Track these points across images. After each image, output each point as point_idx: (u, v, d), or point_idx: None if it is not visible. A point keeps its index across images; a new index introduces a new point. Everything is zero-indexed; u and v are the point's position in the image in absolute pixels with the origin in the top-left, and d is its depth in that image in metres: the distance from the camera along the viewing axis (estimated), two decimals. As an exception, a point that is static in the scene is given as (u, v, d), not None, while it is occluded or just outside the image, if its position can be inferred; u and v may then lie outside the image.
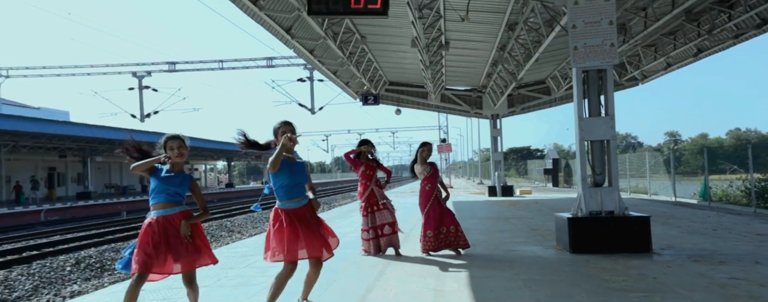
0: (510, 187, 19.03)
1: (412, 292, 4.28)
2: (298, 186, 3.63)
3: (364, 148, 6.25)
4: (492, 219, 10.53)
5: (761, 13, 10.58)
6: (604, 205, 6.20)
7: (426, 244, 6.06)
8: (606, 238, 5.96)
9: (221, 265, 5.68)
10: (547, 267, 5.28)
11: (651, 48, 14.88)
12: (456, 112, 21.53)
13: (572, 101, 6.62)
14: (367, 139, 6.41)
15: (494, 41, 12.74)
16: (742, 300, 3.75)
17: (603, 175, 6.42)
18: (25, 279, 9.29)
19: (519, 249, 6.44)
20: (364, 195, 6.17)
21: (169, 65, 28.70)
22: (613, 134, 6.35)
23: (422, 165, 6.25)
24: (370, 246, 6.15)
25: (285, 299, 3.65)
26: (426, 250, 6.08)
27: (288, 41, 11.22)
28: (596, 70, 6.41)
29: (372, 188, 6.14)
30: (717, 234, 7.40)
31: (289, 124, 3.71)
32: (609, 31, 6.26)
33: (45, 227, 20.08)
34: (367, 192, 6.14)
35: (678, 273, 4.76)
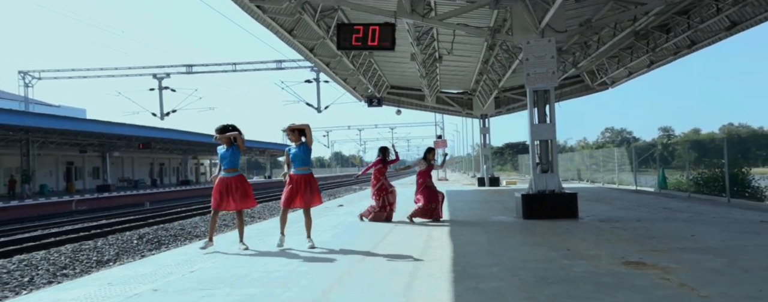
0: (497, 178, 21.68)
1: (413, 236, 6.87)
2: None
3: (385, 153, 9.07)
4: (476, 202, 13.17)
5: (690, 36, 13.22)
6: (548, 186, 8.83)
7: (415, 212, 8.74)
8: (547, 208, 8.58)
9: (296, 221, 8.26)
10: (503, 225, 7.91)
11: (614, 59, 17.50)
12: (450, 113, 24.13)
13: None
14: (385, 147, 9.19)
15: (479, 56, 15.34)
16: (607, 235, 6.38)
17: (548, 165, 9.05)
18: (109, 247, 11.88)
19: (489, 218, 9.07)
20: (377, 185, 8.90)
21: (186, 67, 31.21)
22: (554, 135, 8.98)
23: (422, 163, 8.96)
24: (372, 216, 8.86)
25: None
26: (413, 216, 8.73)
27: (310, 58, 13.80)
28: (543, 89, 9.02)
29: (383, 181, 8.93)
30: (636, 208, 10.06)
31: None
32: (551, 63, 8.86)
33: (80, 215, 22.57)
34: (379, 183, 8.89)
35: (585, 226, 7.39)
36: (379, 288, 3.87)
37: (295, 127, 6.20)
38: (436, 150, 9.28)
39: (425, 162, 8.99)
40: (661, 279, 3.80)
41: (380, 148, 9.23)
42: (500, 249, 5.55)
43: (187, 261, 5.45)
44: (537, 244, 5.76)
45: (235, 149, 6.14)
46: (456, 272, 4.33)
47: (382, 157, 9.01)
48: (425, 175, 8.95)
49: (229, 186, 6.01)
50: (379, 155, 9.07)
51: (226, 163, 6.10)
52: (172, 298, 3.65)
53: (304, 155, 6.16)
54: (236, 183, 6.05)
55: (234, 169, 6.13)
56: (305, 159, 6.18)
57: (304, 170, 6.15)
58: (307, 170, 6.21)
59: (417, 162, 9.17)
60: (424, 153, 9.25)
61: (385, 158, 9.02)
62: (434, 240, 6.47)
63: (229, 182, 6.04)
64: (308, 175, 6.17)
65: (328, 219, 9.54)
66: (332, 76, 17.01)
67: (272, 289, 3.85)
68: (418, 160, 9.23)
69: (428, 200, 8.74)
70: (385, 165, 9.02)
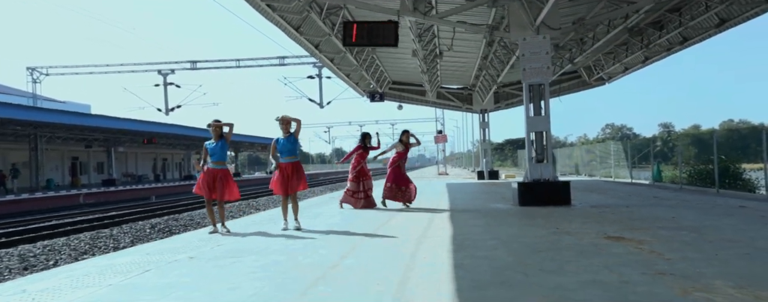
0: (496, 172, 22.24)
1: (416, 221, 7.41)
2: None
3: (366, 139, 9.53)
4: (475, 193, 13.72)
5: (683, 33, 13.72)
6: (542, 175, 9.37)
7: (384, 193, 9.32)
8: (542, 196, 9.11)
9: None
10: (500, 211, 8.45)
11: (610, 55, 18.00)
12: (450, 108, 24.67)
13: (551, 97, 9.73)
14: (367, 132, 9.65)
15: (478, 52, 15.85)
16: (595, 217, 6.92)
17: (542, 155, 9.58)
18: (124, 235, 12.44)
19: (487, 205, 9.61)
20: (356, 168, 9.35)
21: (191, 64, 31.71)
22: (548, 127, 9.51)
23: (400, 144, 9.47)
24: (351, 203, 9.34)
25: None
26: (384, 198, 9.29)
27: (315, 54, 14.32)
28: (538, 84, 9.55)
29: (363, 165, 9.41)
30: (627, 197, 10.60)
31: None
32: (546, 59, 9.38)
33: (88, 208, 23.09)
34: (359, 167, 9.34)
35: (576, 211, 7.93)
36: (388, 254, 4.40)
37: (289, 119, 6.76)
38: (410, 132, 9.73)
39: (401, 145, 9.47)
40: (634, 248, 4.34)
41: (362, 133, 9.68)
42: (496, 228, 6.09)
43: (211, 238, 6.00)
44: (530, 225, 6.31)
45: (224, 143, 6.65)
46: (455, 244, 4.87)
47: (362, 143, 9.46)
48: (398, 158, 9.45)
49: (215, 178, 6.56)
50: (360, 141, 9.53)
51: (217, 157, 6.61)
52: (207, 263, 4.19)
53: (292, 145, 6.75)
54: (222, 175, 6.61)
55: (222, 162, 6.68)
56: (293, 149, 6.78)
57: (293, 159, 6.75)
58: (295, 158, 6.81)
59: (394, 145, 9.59)
60: (400, 135, 9.65)
61: (365, 144, 9.45)
62: (435, 222, 7.01)
63: (216, 174, 6.58)
64: (296, 163, 6.77)
65: (333, 207, 10.08)
66: (336, 72, 17.54)
67: (295, 257, 4.39)
68: (395, 143, 9.67)
69: (395, 179, 9.26)
70: (365, 150, 9.43)
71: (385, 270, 3.74)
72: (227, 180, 6.68)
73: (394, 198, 9.29)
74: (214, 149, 6.65)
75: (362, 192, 9.34)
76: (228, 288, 3.32)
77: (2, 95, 37.44)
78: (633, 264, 3.69)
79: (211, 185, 6.57)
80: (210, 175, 6.59)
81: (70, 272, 4.00)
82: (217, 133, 6.67)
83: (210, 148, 6.68)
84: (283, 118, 6.76)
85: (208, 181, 6.57)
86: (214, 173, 6.60)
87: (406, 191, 9.30)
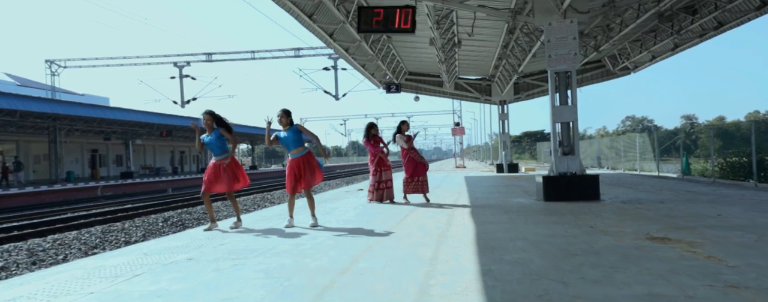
0: (515, 165, 21.60)
1: (435, 217, 6.94)
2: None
3: (372, 129, 9.02)
4: (495, 187, 13.18)
5: (718, 17, 12.90)
6: (569, 168, 8.81)
7: (404, 187, 8.87)
8: (569, 190, 8.57)
9: (305, 207, 8.45)
10: (523, 206, 7.93)
11: (637, 43, 17.17)
12: (468, 99, 24.02)
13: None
14: (373, 122, 9.13)
15: (499, 40, 15.20)
16: (630, 214, 6.37)
17: (569, 147, 9.01)
18: (136, 229, 12.22)
19: (509, 200, 9.09)
20: (374, 160, 8.91)
21: (206, 56, 31.54)
22: (575, 118, 8.92)
23: (402, 137, 8.94)
24: (374, 196, 8.91)
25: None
26: (406, 193, 8.85)
27: (330, 43, 13.85)
28: (564, 71, 8.95)
29: (380, 155, 8.90)
30: (659, 192, 9.97)
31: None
32: (573, 44, 8.78)
33: (106, 200, 23.16)
34: (377, 158, 8.88)
35: (607, 207, 7.38)
36: (405, 257, 3.95)
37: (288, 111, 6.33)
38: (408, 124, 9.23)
39: (403, 136, 8.95)
40: (686, 252, 3.81)
41: (367, 124, 9.11)
42: (522, 226, 5.60)
43: (217, 235, 5.62)
44: (559, 222, 5.79)
45: (219, 134, 6.25)
46: (480, 245, 4.39)
47: (367, 137, 8.94)
48: (408, 151, 8.95)
49: (219, 169, 6.20)
50: (365, 135, 9.01)
51: (217, 149, 6.23)
52: (206, 266, 3.79)
53: (296, 136, 6.28)
54: (225, 166, 6.24)
55: (224, 152, 6.29)
56: (298, 140, 6.30)
57: (302, 151, 6.28)
58: (304, 150, 6.33)
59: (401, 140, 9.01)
60: (398, 126, 9.08)
61: (369, 133, 8.91)
62: (456, 218, 6.53)
63: (219, 165, 6.22)
64: (306, 156, 6.30)
65: (348, 202, 9.67)
66: (351, 62, 17.06)
67: (302, 259, 3.97)
68: (397, 137, 9.07)
69: (414, 171, 8.78)
70: (374, 140, 8.90)
71: (401, 278, 3.29)
72: (233, 169, 6.30)
73: (415, 190, 8.86)
74: (211, 141, 6.26)
75: (380, 184, 8.91)
76: (223, 299, 2.91)
77: (23, 88, 37.91)
78: (692, 272, 3.17)
79: (213, 178, 6.20)
80: (214, 167, 6.22)
81: (54, 275, 3.64)
82: (209, 124, 6.27)
83: (206, 141, 6.30)
84: (284, 111, 6.33)
85: (209, 175, 6.22)
86: (217, 165, 6.24)
87: (424, 181, 8.89)
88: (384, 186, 8.89)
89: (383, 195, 8.90)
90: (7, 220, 14.27)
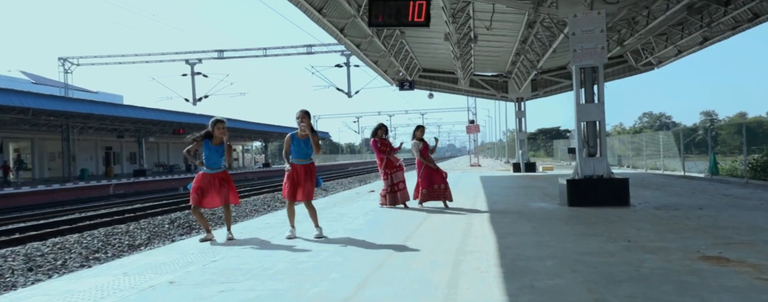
0: (533, 164, 20.89)
1: (451, 226, 6.37)
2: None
3: (380, 130, 8.48)
4: (513, 188, 12.55)
5: (753, 8, 12.08)
6: (595, 170, 8.17)
7: (421, 197, 8.28)
8: (595, 195, 7.93)
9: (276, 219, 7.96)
10: (546, 213, 7.33)
11: (662, 37, 16.35)
12: (484, 96, 23.33)
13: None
14: (383, 124, 8.59)
15: (517, 35, 14.53)
16: (668, 224, 5.74)
17: (595, 148, 8.37)
18: (141, 231, 11.84)
19: (529, 205, 8.48)
20: (383, 164, 8.36)
21: (218, 53, 31.25)
22: (602, 116, 8.27)
23: (416, 145, 8.40)
24: (387, 200, 8.35)
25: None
26: (421, 201, 8.27)
27: (341, 39, 13.32)
28: (590, 67, 8.30)
29: (388, 157, 8.34)
30: (691, 195, 9.27)
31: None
32: (600, 37, 8.12)
33: (117, 199, 22.98)
34: (385, 160, 8.33)
35: (638, 214, 6.74)
36: (418, 281, 3.41)
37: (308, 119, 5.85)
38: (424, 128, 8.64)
39: (418, 144, 8.38)
40: (756, 279, 3.20)
41: (378, 125, 8.57)
42: (550, 239, 5.01)
43: (211, 249, 5.13)
44: (591, 234, 5.19)
45: (221, 148, 5.82)
46: (505, 266, 3.83)
47: (372, 133, 8.44)
48: (424, 155, 8.39)
49: (212, 182, 5.77)
50: (373, 133, 8.48)
51: (214, 162, 5.79)
52: (186, 294, 3.28)
53: (308, 149, 5.84)
54: (221, 179, 5.81)
55: (219, 166, 5.87)
56: (308, 153, 5.86)
57: (306, 160, 5.84)
58: (309, 160, 5.89)
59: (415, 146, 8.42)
60: (413, 132, 8.54)
61: (376, 133, 8.42)
62: (474, 228, 5.96)
63: (215, 177, 5.79)
64: (310, 165, 5.87)
65: (358, 205, 9.14)
66: (363, 59, 16.52)
67: (300, 283, 3.45)
68: (412, 145, 8.51)
69: (430, 182, 8.20)
70: (384, 142, 8.38)
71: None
72: (228, 183, 5.90)
73: (432, 199, 8.29)
74: (213, 152, 5.79)
75: (392, 187, 8.37)
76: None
77: (37, 86, 38.08)
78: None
79: (207, 189, 5.75)
80: (207, 179, 5.77)
81: (13, 303, 3.16)
82: (221, 137, 5.82)
83: (207, 152, 5.82)
84: (304, 113, 5.83)
85: (204, 186, 5.75)
86: (212, 177, 5.79)
87: (445, 189, 8.28)
88: (397, 188, 8.35)
89: (397, 199, 8.35)
90: (10, 221, 14.01)
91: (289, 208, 5.91)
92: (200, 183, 5.76)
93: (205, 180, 5.76)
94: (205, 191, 5.74)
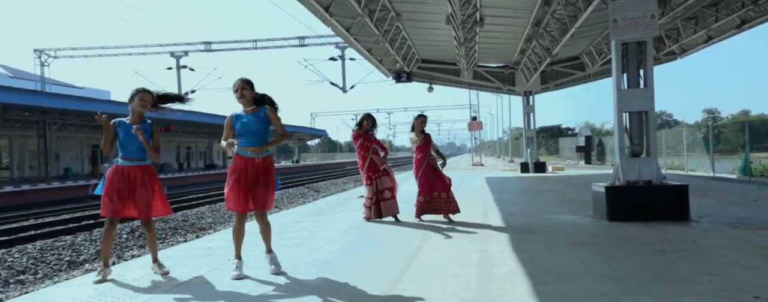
0: (542, 164, 19.11)
1: (460, 253, 4.57)
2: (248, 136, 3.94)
3: (365, 121, 6.60)
4: (526, 193, 10.74)
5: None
6: (641, 175, 6.36)
7: (418, 209, 6.46)
8: (643, 206, 6.13)
9: (275, 230, 6.14)
10: (585, 232, 5.52)
11: (691, 21, 14.55)
12: (488, 89, 21.53)
13: (608, 76, 6.76)
14: (370, 114, 6.72)
15: (529, 17, 12.71)
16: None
17: (641, 146, 6.56)
18: (89, 243, 10.04)
19: (556, 218, 6.67)
20: (364, 166, 6.53)
21: (205, 45, 29.43)
22: (651, 105, 6.45)
23: (417, 135, 6.55)
24: (371, 212, 6.52)
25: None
26: (418, 214, 6.48)
27: (326, 19, 11.50)
28: (635, 42, 6.48)
29: (371, 157, 6.51)
30: (757, 204, 7.47)
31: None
32: (649, 3, 6.30)
33: (91, 200, 21.19)
34: (367, 162, 6.51)
35: (716, 237, 4.93)
36: None
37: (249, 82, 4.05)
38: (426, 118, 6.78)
39: (420, 135, 6.54)
40: None
41: (365, 114, 6.72)
42: (619, 289, 3.20)
43: (111, 295, 3.35)
44: (680, 279, 3.39)
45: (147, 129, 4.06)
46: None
47: (359, 129, 6.61)
48: (424, 151, 6.52)
49: (133, 181, 3.96)
50: (357, 126, 6.67)
51: (132, 149, 4.01)
52: None
53: (259, 127, 3.93)
54: (143, 177, 3.98)
55: (140, 160, 4.05)
56: (262, 131, 3.95)
57: (259, 152, 3.90)
58: (267, 150, 3.98)
59: (417, 139, 6.58)
60: (413, 122, 6.70)
61: (361, 124, 6.60)
62: (493, 261, 4.16)
63: (133, 175, 3.97)
64: (265, 160, 3.95)
65: (339, 218, 7.31)
66: (354, 45, 14.70)
67: None
68: (410, 139, 6.69)
69: (430, 187, 6.38)
70: (368, 137, 6.56)
71: None
72: (152, 184, 4.06)
73: (431, 211, 6.46)
74: (129, 140, 4.00)
75: (375, 196, 6.53)
76: None
77: (15, 80, 36.19)
78: None
79: (122, 194, 3.93)
80: (120, 177, 3.95)
81: None
82: (141, 109, 4.08)
83: (122, 132, 4.02)
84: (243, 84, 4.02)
85: (119, 188, 3.92)
86: (128, 174, 3.97)
87: (448, 199, 6.42)
88: (382, 197, 6.51)
89: (382, 210, 6.53)
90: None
91: (235, 227, 4.02)
92: (111, 181, 3.94)
93: (118, 176, 3.94)
94: (122, 193, 3.92)
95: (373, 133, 6.65)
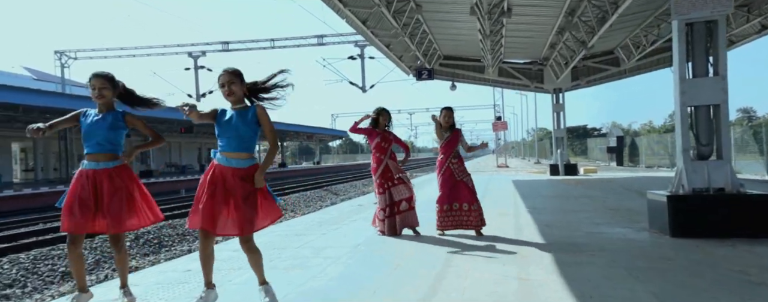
0: (573, 165, 17.88)
1: (492, 282, 3.60)
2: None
3: (380, 117, 5.66)
4: (560, 198, 9.66)
5: None
6: (711, 181, 5.27)
7: (440, 220, 5.51)
8: (716, 220, 5.05)
9: (274, 246, 5.28)
10: (647, 253, 4.48)
11: (743, 8, 13.19)
12: (515, 87, 20.38)
13: (645, 72, 5.72)
14: (384, 108, 5.74)
15: (562, 5, 11.60)
16: None
17: (710, 146, 5.46)
18: (88, 252, 9.36)
19: (603, 232, 5.63)
20: (378, 171, 5.57)
21: (222, 45, 28.98)
22: (724, 98, 5.35)
23: (441, 133, 5.57)
24: (386, 226, 5.55)
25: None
26: (439, 226, 5.52)
27: (340, 10, 10.63)
28: (705, 20, 5.39)
29: (387, 162, 5.57)
30: None
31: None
32: (723, -26, 5.22)
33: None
34: (382, 166, 5.56)
35: (824, 263, 3.85)
36: None
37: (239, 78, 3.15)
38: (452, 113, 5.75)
39: (444, 133, 5.55)
40: None
41: (379, 108, 5.75)
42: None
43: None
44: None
45: (116, 117, 3.21)
46: None
47: (373, 125, 5.70)
48: (446, 151, 5.54)
49: (100, 188, 3.10)
50: (372, 122, 5.72)
51: (98, 143, 3.19)
52: None
53: (245, 130, 3.06)
54: (113, 182, 3.11)
55: (112, 155, 3.20)
56: (248, 135, 3.08)
57: (242, 158, 3.04)
58: (248, 159, 3.06)
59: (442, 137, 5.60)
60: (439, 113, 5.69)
61: (377, 121, 5.68)
62: (537, 296, 3.19)
63: (99, 180, 3.13)
64: (250, 169, 3.04)
65: (350, 230, 6.38)
66: (372, 40, 13.80)
67: None
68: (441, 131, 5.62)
69: (452, 196, 5.39)
70: (386, 136, 5.63)
71: None
72: (127, 187, 3.21)
73: (453, 225, 5.48)
74: (95, 125, 3.20)
75: (390, 208, 5.58)
76: None
77: (38, 82, 36.44)
78: None
79: (86, 205, 3.09)
80: (83, 185, 3.13)
81: None
82: (107, 95, 3.26)
83: (88, 121, 3.22)
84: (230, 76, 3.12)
85: (82, 197, 3.09)
86: (93, 179, 3.14)
87: (471, 211, 5.42)
88: (398, 209, 5.55)
89: (397, 225, 5.58)
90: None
91: (201, 250, 3.11)
92: (75, 189, 3.14)
93: (84, 182, 3.14)
94: (86, 203, 3.08)
95: (389, 130, 5.71)
